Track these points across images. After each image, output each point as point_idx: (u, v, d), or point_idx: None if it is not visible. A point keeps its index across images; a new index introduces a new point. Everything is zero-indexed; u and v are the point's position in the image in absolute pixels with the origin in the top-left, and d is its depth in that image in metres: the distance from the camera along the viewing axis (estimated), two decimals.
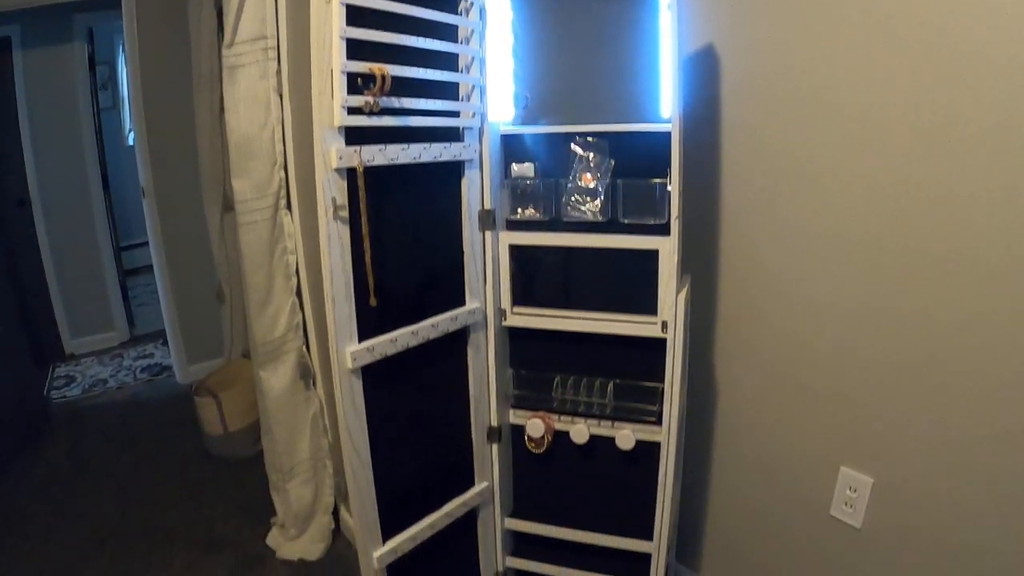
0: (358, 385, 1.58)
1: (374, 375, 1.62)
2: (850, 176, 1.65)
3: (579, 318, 1.81)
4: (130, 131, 5.76)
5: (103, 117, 4.90)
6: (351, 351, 1.53)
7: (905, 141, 1.53)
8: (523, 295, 1.87)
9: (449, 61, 1.70)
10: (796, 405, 1.90)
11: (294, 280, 2.44)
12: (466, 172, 1.74)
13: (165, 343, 4.41)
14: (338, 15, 1.41)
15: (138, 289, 5.65)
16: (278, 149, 2.32)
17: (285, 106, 2.30)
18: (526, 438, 1.95)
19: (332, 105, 1.43)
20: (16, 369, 3.70)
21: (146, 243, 4.28)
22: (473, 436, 1.91)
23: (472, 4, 1.69)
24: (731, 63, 1.86)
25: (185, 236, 3.97)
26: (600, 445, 1.92)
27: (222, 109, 2.82)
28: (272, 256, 2.37)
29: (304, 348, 2.53)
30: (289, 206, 2.38)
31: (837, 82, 1.64)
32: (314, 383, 2.58)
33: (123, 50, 5.25)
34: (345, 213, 1.48)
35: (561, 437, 1.94)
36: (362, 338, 1.57)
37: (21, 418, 3.67)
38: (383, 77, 1.47)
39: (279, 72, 2.29)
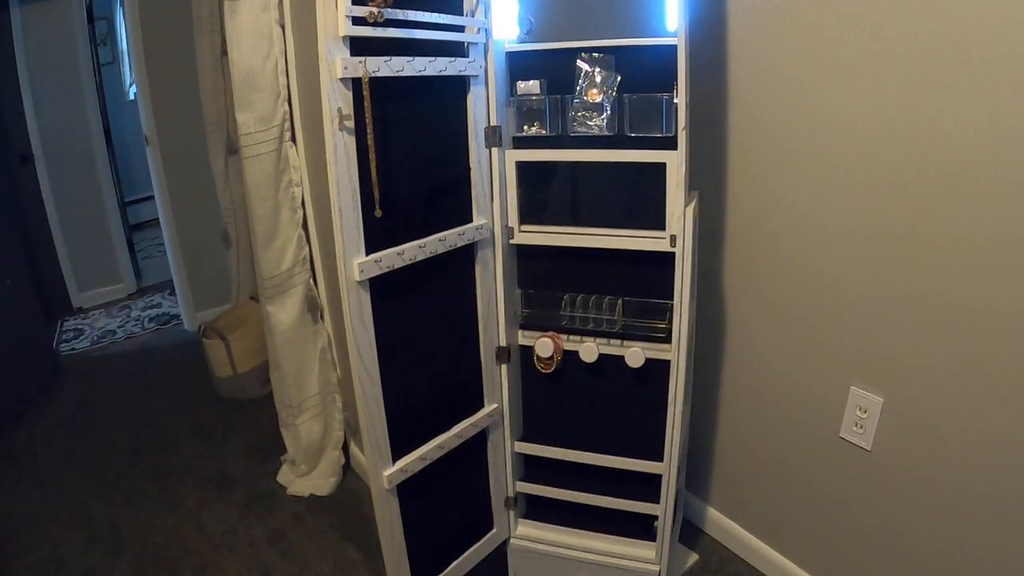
0: (366, 298, 1.59)
1: (382, 289, 1.62)
2: (862, 102, 1.64)
3: (587, 234, 1.81)
4: (131, 85, 5.72)
5: (104, 72, 4.87)
6: (358, 263, 1.54)
7: (926, 66, 1.49)
8: (530, 212, 1.87)
9: None
10: (806, 325, 1.91)
11: (300, 213, 2.44)
12: (472, 88, 1.73)
13: (172, 293, 4.42)
14: None
15: (144, 243, 5.66)
16: (281, 81, 2.31)
17: (288, 37, 2.29)
18: (535, 358, 1.96)
19: (336, 15, 1.42)
20: (25, 323, 3.73)
21: (150, 198, 4.29)
22: (482, 356, 1.92)
23: None
24: None
25: (189, 184, 3.97)
26: (609, 364, 1.93)
27: (223, 52, 2.80)
28: (278, 189, 2.37)
29: (311, 281, 2.53)
30: (294, 138, 2.38)
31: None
32: (322, 316, 2.59)
33: (121, 3, 5.19)
34: (351, 123, 1.47)
35: (570, 356, 1.95)
36: (369, 251, 1.57)
37: (32, 371, 3.71)
38: None
39: (281, 3, 2.27)
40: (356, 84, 1.48)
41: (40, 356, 3.86)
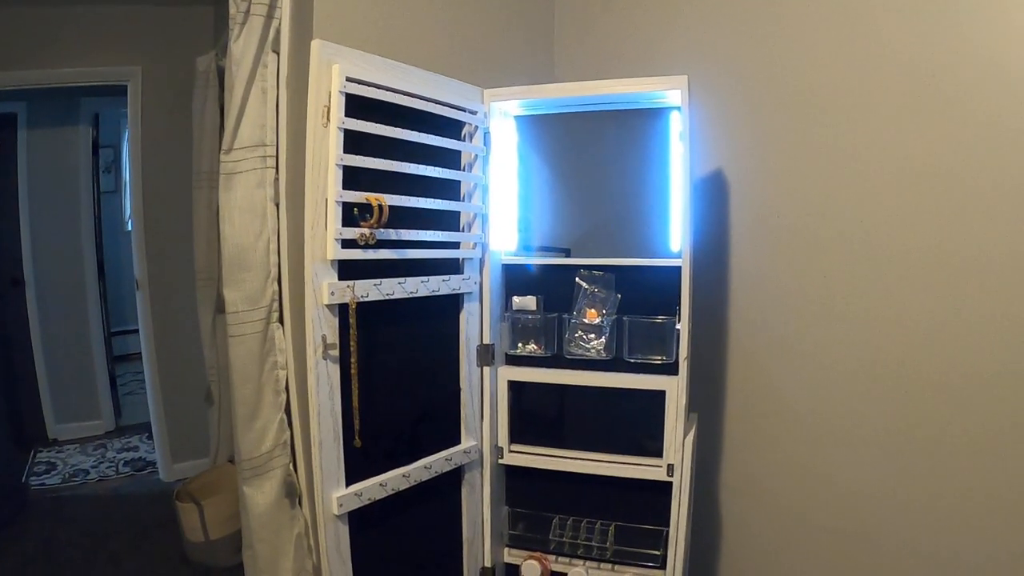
0: (344, 531, 1.48)
1: (361, 519, 1.51)
2: (875, 310, 1.61)
3: (580, 459, 1.71)
4: (131, 216, 5.74)
5: (105, 200, 4.85)
6: (337, 496, 1.44)
7: (932, 277, 1.51)
8: (521, 432, 1.78)
9: (450, 188, 1.64)
10: (808, 544, 1.81)
11: (283, 396, 2.33)
12: (465, 305, 1.66)
13: (151, 436, 4.27)
14: (336, 142, 1.36)
15: (128, 376, 5.52)
16: (272, 260, 2.24)
17: (282, 216, 2.24)
18: None
19: (325, 237, 1.36)
20: None
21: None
22: None
23: (476, 129, 1.65)
24: (744, 194, 1.82)
25: (176, 332, 3.86)
26: None
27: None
28: (262, 370, 2.26)
29: (291, 466, 2.41)
30: (281, 320, 2.30)
31: (868, 218, 1.60)
32: (300, 502, 2.45)
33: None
34: (335, 352, 1.40)
35: None
36: (350, 482, 1.47)
37: None
38: (380, 208, 1.41)
39: (277, 181, 2.23)
40: (343, 309, 1.41)
41: (9, 486, 3.68)
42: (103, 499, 3.90)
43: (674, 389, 1.59)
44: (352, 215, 1.41)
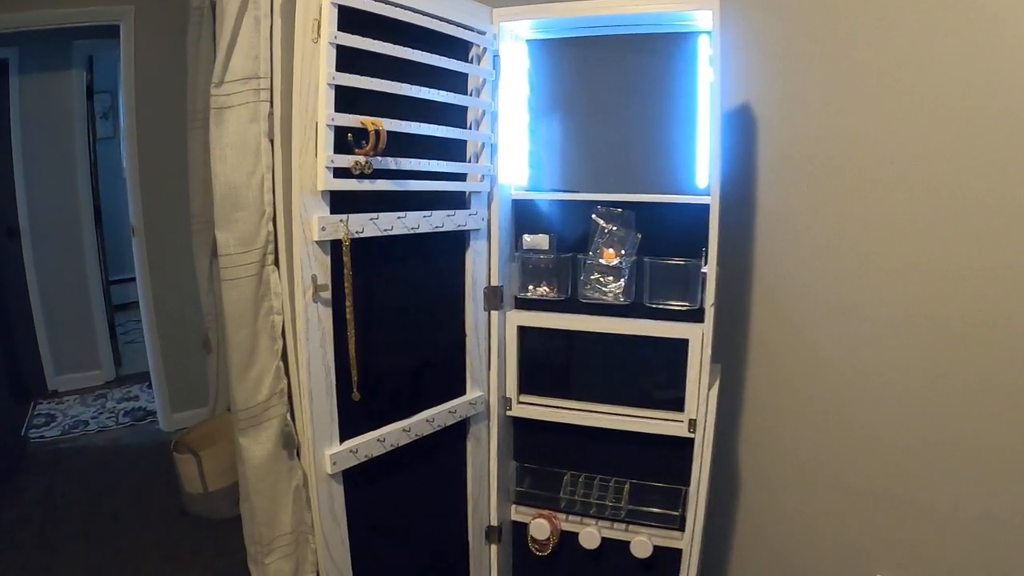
0: (339, 491, 1.37)
1: (357, 476, 1.40)
2: (912, 259, 1.47)
3: (594, 411, 1.59)
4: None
5: (104, 147, 4.75)
6: (331, 453, 1.32)
7: (977, 224, 1.36)
8: (531, 382, 1.66)
9: (456, 115, 1.49)
10: (830, 501, 1.70)
11: (280, 343, 2.22)
12: (471, 243, 1.53)
13: (151, 386, 4.21)
14: (327, 58, 1.21)
15: (129, 325, 5.43)
16: (267, 199, 2.11)
17: (276, 152, 2.11)
18: (529, 539, 1.72)
19: (316, 165, 1.22)
20: None
21: None
22: (470, 537, 1.68)
23: (485, 51, 1.50)
24: (773, 131, 1.67)
25: (174, 279, 3.75)
26: (612, 550, 1.69)
27: None
28: (257, 316, 2.15)
29: (288, 416, 2.31)
30: (277, 262, 2.18)
31: (905, 152, 1.45)
32: (298, 453, 2.36)
33: None
34: (327, 294, 1.27)
35: (569, 539, 1.71)
36: (344, 437, 1.35)
37: None
38: (377, 132, 1.27)
39: (271, 115, 2.09)
40: (336, 246, 1.28)
41: (7, 439, 3.62)
42: (103, 450, 3.85)
43: (698, 338, 1.46)
44: (346, 142, 1.26)
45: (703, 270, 1.44)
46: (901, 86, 1.46)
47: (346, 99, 1.25)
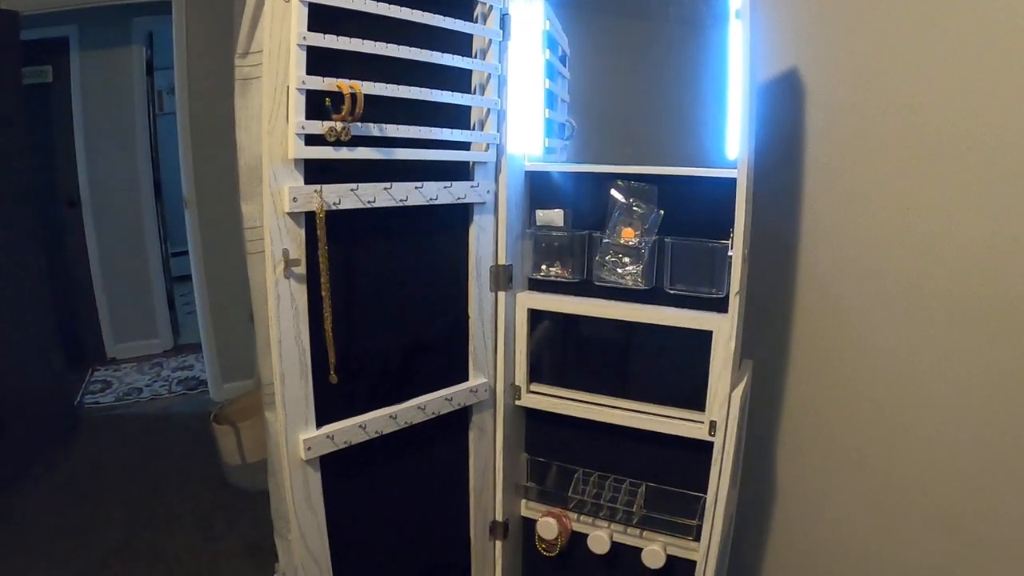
0: (315, 478, 1.28)
1: (338, 466, 1.30)
2: (984, 237, 1.26)
3: (609, 406, 1.45)
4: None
5: (166, 121, 4.81)
6: (304, 438, 1.23)
7: None
8: (542, 370, 1.53)
9: (461, 80, 1.36)
10: (884, 520, 1.50)
11: None
12: (475, 218, 1.40)
13: None
14: (298, 16, 1.10)
15: (189, 296, 5.55)
16: None
17: None
18: (536, 537, 1.60)
19: (286, 131, 1.12)
20: (48, 371, 3.59)
21: None
22: (472, 533, 1.57)
23: (491, 8, 1.36)
24: (819, 93, 1.48)
25: (225, 251, 3.78)
26: (624, 556, 1.56)
27: None
28: None
29: None
30: None
31: (964, 119, 1.24)
32: None
33: None
34: (300, 269, 1.16)
35: (579, 539, 1.58)
36: (322, 422, 1.25)
37: (50, 420, 3.57)
38: (354, 96, 1.15)
39: None
40: (310, 219, 1.17)
41: (59, 409, 3.72)
42: (153, 418, 3.97)
43: (723, 329, 1.30)
44: (324, 108, 1.16)
45: (730, 253, 1.28)
46: (969, 44, 1.25)
47: (328, 63, 1.14)
